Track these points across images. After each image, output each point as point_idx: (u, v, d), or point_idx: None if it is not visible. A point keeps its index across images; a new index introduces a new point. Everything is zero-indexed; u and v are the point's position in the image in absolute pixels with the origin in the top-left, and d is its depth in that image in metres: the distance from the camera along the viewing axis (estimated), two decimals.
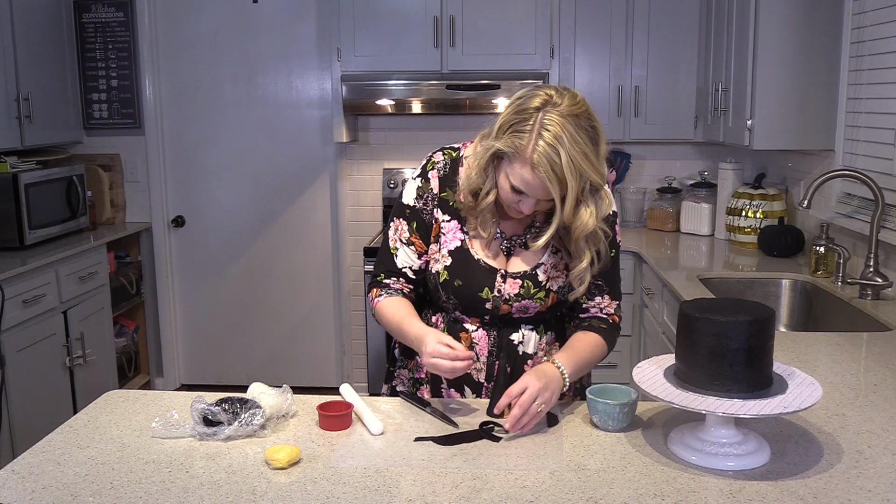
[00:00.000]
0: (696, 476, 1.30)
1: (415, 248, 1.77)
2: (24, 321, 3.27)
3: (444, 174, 1.76)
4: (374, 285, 1.80)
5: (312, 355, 4.64)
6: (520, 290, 1.70)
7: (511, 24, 3.86)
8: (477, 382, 1.75)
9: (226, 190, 4.51)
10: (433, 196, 1.76)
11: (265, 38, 4.35)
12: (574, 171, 1.50)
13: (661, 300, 3.13)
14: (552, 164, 1.49)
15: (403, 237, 1.77)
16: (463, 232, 1.73)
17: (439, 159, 1.77)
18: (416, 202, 1.77)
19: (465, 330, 1.74)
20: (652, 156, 4.27)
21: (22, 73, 3.72)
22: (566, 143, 1.49)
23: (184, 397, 1.66)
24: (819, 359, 1.94)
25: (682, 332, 1.37)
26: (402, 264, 1.77)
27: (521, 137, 1.52)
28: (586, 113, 1.53)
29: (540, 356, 1.75)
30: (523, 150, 1.52)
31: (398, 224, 1.78)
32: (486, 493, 1.26)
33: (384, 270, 1.80)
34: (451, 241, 1.74)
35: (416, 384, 1.82)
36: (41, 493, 1.28)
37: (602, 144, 1.55)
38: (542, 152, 1.49)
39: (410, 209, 1.77)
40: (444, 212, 1.75)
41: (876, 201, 2.52)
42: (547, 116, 1.50)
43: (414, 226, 1.76)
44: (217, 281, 4.60)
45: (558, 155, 1.49)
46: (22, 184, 3.56)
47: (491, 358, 1.74)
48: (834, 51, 3.02)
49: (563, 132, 1.49)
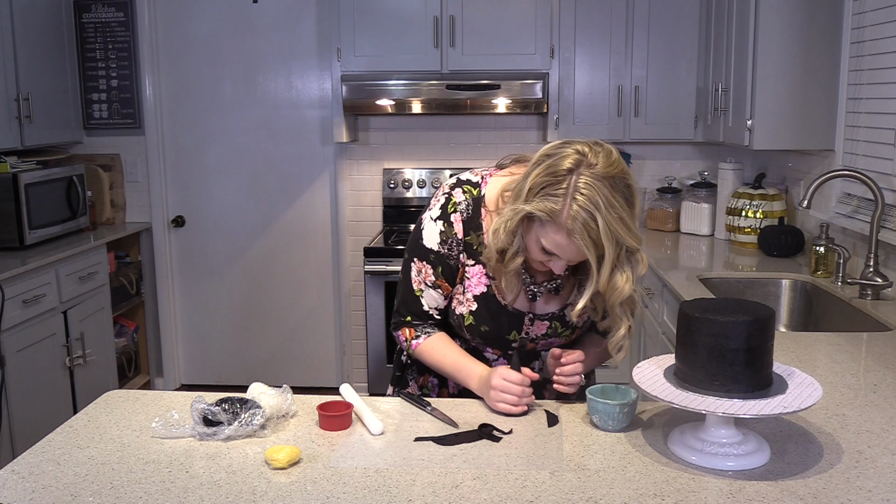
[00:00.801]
0: (696, 476, 1.30)
1: (441, 291, 1.72)
2: (24, 321, 3.27)
3: (467, 216, 1.68)
4: (403, 325, 1.75)
5: (312, 355, 4.64)
6: (547, 331, 1.71)
7: (511, 24, 3.86)
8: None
9: (226, 190, 4.51)
10: (458, 241, 1.68)
11: (265, 38, 4.35)
12: (611, 237, 1.43)
13: (661, 300, 3.13)
14: (588, 231, 1.42)
15: (429, 280, 1.71)
16: (488, 277, 1.68)
17: (460, 199, 1.68)
18: (440, 247, 1.69)
19: (486, 358, 1.74)
20: (652, 156, 4.27)
21: (22, 73, 3.72)
22: (602, 209, 1.42)
23: (184, 397, 1.66)
24: (819, 359, 1.94)
25: (682, 332, 1.37)
26: (428, 306, 1.73)
27: (555, 202, 1.44)
28: (622, 173, 1.47)
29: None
30: (557, 216, 1.44)
31: (421, 266, 1.71)
32: (486, 493, 1.26)
33: (409, 313, 1.74)
34: (477, 286, 1.69)
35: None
36: (41, 493, 1.27)
37: (637, 205, 1.49)
38: (579, 218, 1.42)
39: (435, 254, 1.69)
40: (469, 256, 1.69)
41: (876, 201, 2.52)
42: (581, 180, 1.42)
43: (440, 270, 1.70)
44: (217, 281, 4.60)
45: (595, 221, 1.42)
46: (22, 184, 3.56)
47: None
48: (834, 51, 3.02)
49: (600, 196, 1.41)
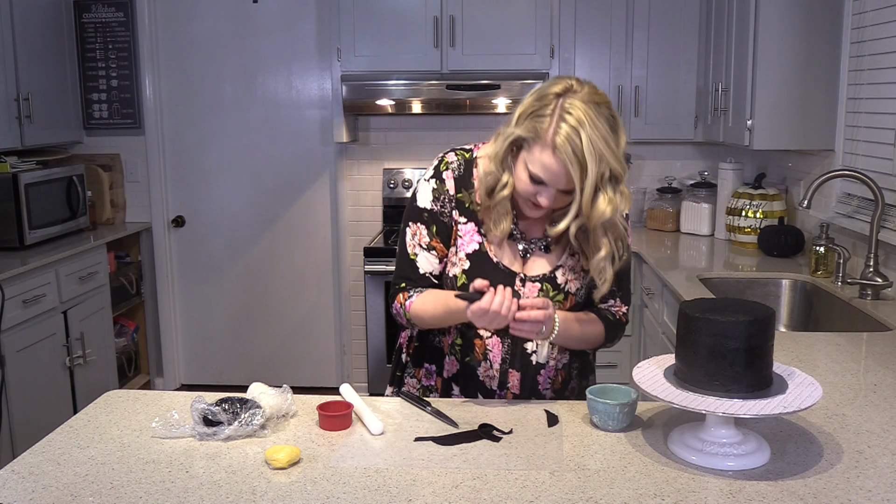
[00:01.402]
0: (696, 476, 1.30)
1: (436, 253, 1.72)
2: (24, 321, 3.27)
3: (458, 174, 1.72)
4: (398, 293, 1.74)
5: (312, 355, 4.64)
6: (538, 294, 1.69)
7: (511, 24, 3.86)
8: (490, 390, 1.73)
9: (226, 190, 4.51)
10: (450, 197, 1.71)
11: (265, 38, 4.35)
12: (594, 154, 1.49)
13: (661, 300, 3.13)
14: (573, 147, 1.49)
15: (423, 242, 1.72)
16: (480, 234, 1.70)
17: (452, 159, 1.74)
18: (433, 205, 1.71)
19: (479, 336, 1.72)
20: (652, 156, 4.27)
21: (22, 73, 3.73)
22: (587, 126, 1.48)
23: (184, 397, 1.66)
24: (819, 359, 1.94)
25: (682, 332, 1.37)
26: (423, 269, 1.72)
27: (542, 121, 1.52)
28: (607, 103, 1.54)
29: (552, 366, 1.74)
30: (544, 133, 1.51)
31: (416, 229, 1.72)
32: (486, 493, 1.25)
33: (405, 279, 1.73)
34: (469, 243, 1.70)
35: (426, 392, 1.81)
36: (41, 493, 1.27)
37: (622, 136, 1.54)
38: (564, 135, 1.49)
39: (428, 212, 1.72)
40: (462, 213, 1.71)
41: (876, 201, 2.52)
42: (568, 101, 1.51)
43: (434, 229, 1.71)
44: (217, 281, 4.60)
45: (579, 137, 1.48)
46: (22, 184, 3.56)
47: (504, 365, 1.72)
48: (834, 51, 3.02)
49: (585, 117, 1.49)
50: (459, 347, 1.74)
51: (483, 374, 1.73)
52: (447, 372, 1.78)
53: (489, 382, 1.73)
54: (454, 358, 1.76)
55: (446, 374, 1.78)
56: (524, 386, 1.73)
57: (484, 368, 1.73)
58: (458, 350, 1.75)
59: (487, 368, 1.72)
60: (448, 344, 1.76)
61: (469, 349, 1.73)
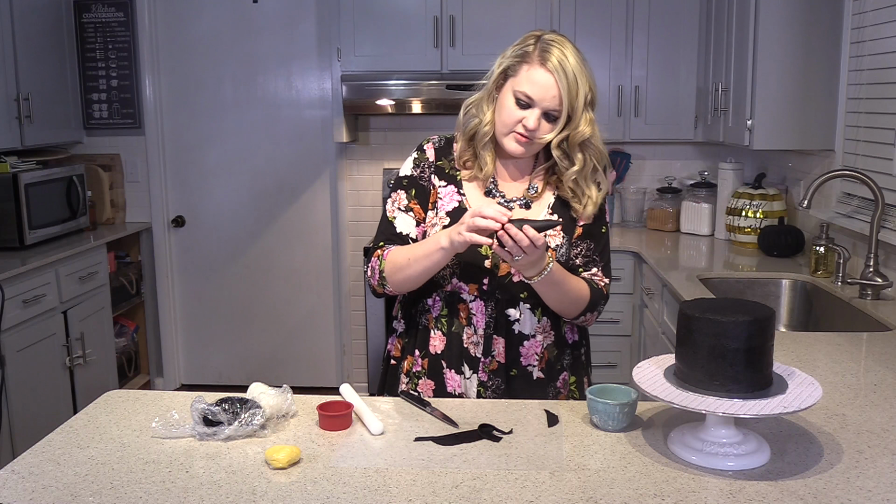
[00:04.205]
0: (696, 476, 1.30)
1: (413, 215, 1.79)
2: (24, 321, 3.27)
3: (439, 146, 1.83)
4: (374, 252, 1.79)
5: (312, 355, 4.64)
6: None
7: (511, 24, 3.86)
8: (474, 357, 1.75)
9: (226, 190, 4.51)
10: (429, 164, 1.81)
11: (265, 38, 4.35)
12: (581, 72, 1.64)
13: (661, 300, 3.13)
14: (563, 64, 1.62)
15: (402, 205, 1.80)
16: (460, 194, 1.77)
17: (434, 137, 1.86)
18: (413, 171, 1.82)
19: (463, 301, 1.75)
20: (652, 156, 4.27)
21: (22, 73, 3.73)
22: (571, 51, 1.65)
23: (184, 397, 1.66)
24: (819, 359, 1.94)
25: (682, 332, 1.37)
26: (400, 229, 1.79)
27: (527, 48, 1.67)
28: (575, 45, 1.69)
29: (538, 340, 1.76)
30: (531, 56, 1.65)
31: (396, 196, 1.82)
32: (486, 493, 1.25)
33: (384, 239, 1.81)
34: (449, 203, 1.77)
35: (415, 378, 1.82)
36: (41, 493, 1.27)
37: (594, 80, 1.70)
38: (554, 53, 1.63)
39: (408, 178, 1.82)
40: (441, 178, 1.80)
41: (876, 201, 2.52)
42: (547, 36, 1.67)
43: (413, 192, 1.80)
44: (217, 281, 4.60)
45: (566, 58, 1.63)
46: (22, 184, 3.56)
47: (488, 331, 1.75)
48: (834, 51, 3.02)
49: (567, 44, 1.66)
50: (445, 318, 1.77)
51: (468, 340, 1.76)
52: (434, 348, 1.79)
53: (473, 349, 1.75)
54: (440, 332, 1.78)
55: (433, 351, 1.79)
56: (509, 355, 1.75)
57: (468, 335, 1.76)
58: (444, 322, 1.78)
59: (472, 335, 1.75)
60: (433, 318, 1.79)
61: (454, 315, 1.77)
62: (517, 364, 1.77)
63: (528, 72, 1.65)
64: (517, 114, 1.67)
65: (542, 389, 1.78)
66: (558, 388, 1.81)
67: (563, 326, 1.81)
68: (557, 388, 1.81)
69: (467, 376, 1.76)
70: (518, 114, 1.67)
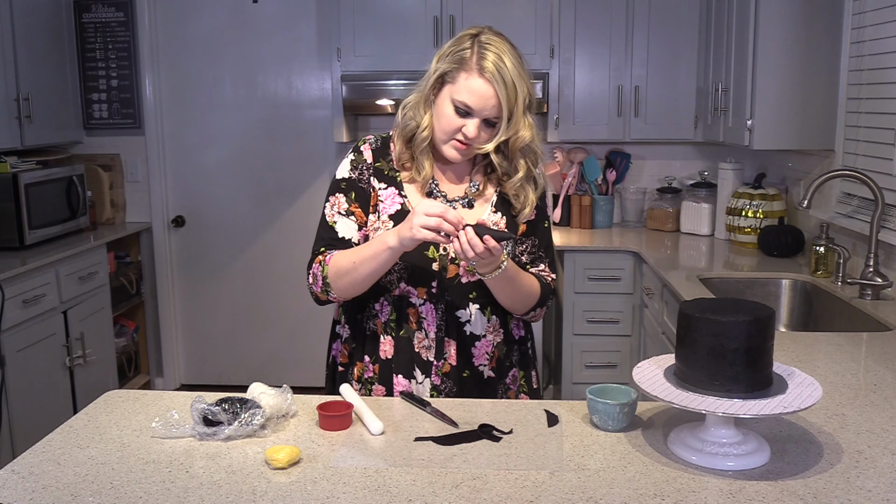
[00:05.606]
0: (696, 476, 1.30)
1: (355, 219, 1.75)
2: (24, 321, 3.27)
3: (376, 147, 1.78)
4: (316, 257, 1.75)
5: (312, 355, 4.63)
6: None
7: (511, 24, 3.86)
8: (426, 361, 1.75)
9: (226, 190, 4.51)
10: (367, 165, 1.76)
11: (265, 38, 4.35)
12: (518, 77, 1.61)
13: (661, 300, 3.13)
14: (500, 71, 1.59)
15: (342, 208, 1.75)
16: (402, 196, 1.74)
17: (370, 137, 1.81)
18: (350, 174, 1.76)
19: (412, 305, 1.74)
20: (652, 156, 4.27)
21: (22, 73, 3.73)
22: (509, 55, 1.62)
23: (184, 397, 1.66)
24: (819, 359, 1.94)
25: (682, 332, 1.37)
26: (342, 234, 1.74)
27: (464, 53, 1.63)
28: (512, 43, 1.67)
29: (488, 340, 1.77)
30: (468, 62, 1.62)
31: (335, 199, 1.76)
32: (486, 493, 1.25)
33: (325, 245, 1.75)
34: (391, 206, 1.74)
35: (368, 384, 1.80)
36: (41, 493, 1.27)
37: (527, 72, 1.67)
38: (491, 60, 1.60)
39: (346, 181, 1.76)
40: (381, 180, 1.75)
41: (876, 201, 2.52)
42: (484, 37, 1.64)
43: (352, 196, 1.75)
44: (217, 281, 4.60)
45: (503, 63, 1.60)
46: (22, 184, 3.56)
47: (440, 333, 1.74)
48: (834, 51, 3.02)
49: (504, 46, 1.63)
50: (394, 323, 1.75)
51: (419, 345, 1.75)
52: (384, 353, 1.77)
53: (425, 353, 1.74)
54: (389, 336, 1.76)
55: (383, 356, 1.77)
56: (461, 357, 1.75)
57: (419, 339, 1.75)
58: (392, 327, 1.76)
59: (423, 339, 1.74)
60: (382, 324, 1.77)
61: (403, 320, 1.75)
62: (469, 365, 1.77)
63: (467, 80, 1.62)
64: (456, 122, 1.64)
65: (493, 388, 1.79)
66: (507, 385, 1.82)
67: (510, 322, 1.82)
68: (507, 384, 1.82)
69: (420, 381, 1.75)
70: (457, 122, 1.64)
